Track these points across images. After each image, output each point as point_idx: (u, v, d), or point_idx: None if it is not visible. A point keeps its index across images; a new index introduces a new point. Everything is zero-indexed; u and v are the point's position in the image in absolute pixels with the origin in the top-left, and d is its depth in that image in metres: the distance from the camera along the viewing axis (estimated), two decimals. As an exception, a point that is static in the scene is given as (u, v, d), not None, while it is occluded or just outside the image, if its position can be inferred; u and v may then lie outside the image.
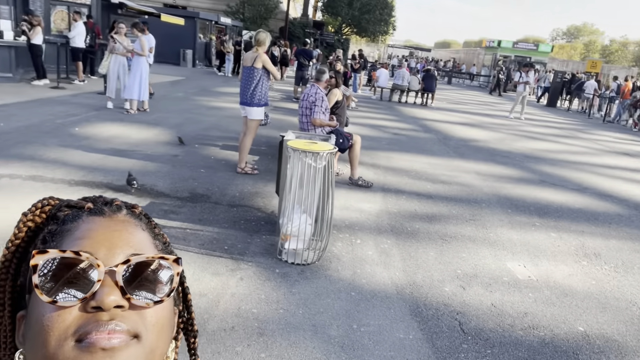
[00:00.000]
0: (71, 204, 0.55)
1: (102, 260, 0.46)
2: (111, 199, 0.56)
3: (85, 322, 0.44)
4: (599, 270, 4.08)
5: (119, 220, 0.53)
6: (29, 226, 0.54)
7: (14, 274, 0.53)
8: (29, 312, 0.48)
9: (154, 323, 0.47)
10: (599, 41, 79.66)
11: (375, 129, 10.01)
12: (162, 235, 0.58)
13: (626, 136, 13.94)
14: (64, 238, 0.50)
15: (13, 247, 0.53)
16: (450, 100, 19.86)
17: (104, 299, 0.44)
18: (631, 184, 7.45)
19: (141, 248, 0.50)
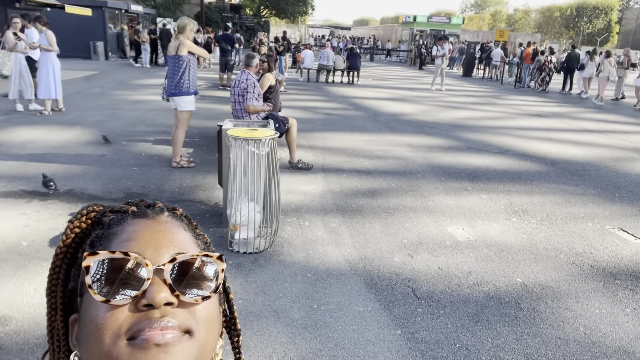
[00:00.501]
0: (115, 209, 0.56)
1: (150, 260, 0.48)
2: (153, 202, 0.58)
3: (138, 320, 0.45)
4: (528, 224, 4.45)
5: (162, 221, 0.54)
6: (75, 232, 0.55)
7: (64, 279, 0.55)
8: (82, 314, 0.50)
9: (204, 318, 0.49)
10: (504, 11, 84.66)
11: (308, 111, 10.04)
12: (203, 235, 0.60)
13: (535, 98, 15.07)
14: (111, 241, 0.51)
15: (62, 254, 0.55)
16: (374, 76, 20.32)
17: (154, 297, 0.45)
18: (546, 143, 8.11)
19: (185, 247, 0.52)
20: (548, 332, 2.80)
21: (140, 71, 16.76)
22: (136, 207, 0.56)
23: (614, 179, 6.13)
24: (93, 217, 0.56)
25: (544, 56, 17.63)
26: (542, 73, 17.66)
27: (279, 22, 62.19)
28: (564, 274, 3.54)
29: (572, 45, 18.42)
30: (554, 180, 5.94)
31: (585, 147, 7.93)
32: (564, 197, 5.30)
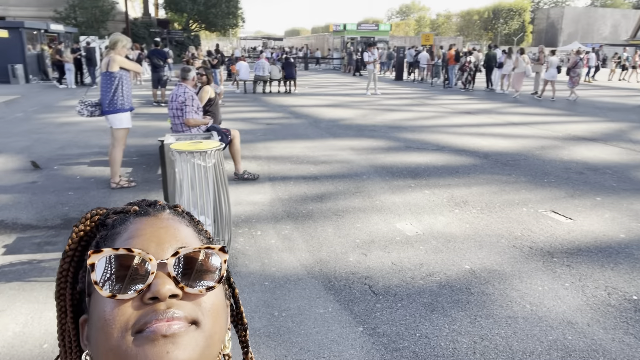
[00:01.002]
0: (118, 211, 0.57)
1: (153, 255, 0.49)
2: (154, 201, 0.59)
3: (144, 313, 0.46)
4: (469, 214, 4.68)
5: (164, 218, 0.55)
6: (80, 236, 0.56)
7: (72, 281, 0.56)
8: (90, 313, 0.50)
9: (209, 309, 0.49)
10: (427, 16, 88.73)
11: (248, 122, 9.98)
12: (205, 231, 0.60)
13: (463, 97, 15.89)
14: (115, 240, 0.52)
15: (68, 257, 0.56)
16: (311, 85, 20.55)
17: (159, 289, 0.46)
18: (478, 138, 8.58)
19: (188, 241, 0.53)
20: (498, 312, 2.97)
21: (65, 92, 15.90)
22: (138, 206, 0.57)
23: (542, 166, 6.59)
24: (97, 220, 0.57)
25: (463, 57, 18.67)
26: (464, 73, 18.70)
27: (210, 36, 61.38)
28: (507, 257, 3.76)
29: (489, 45, 19.65)
30: (489, 171, 6.30)
31: (513, 139, 8.46)
32: (499, 186, 5.64)
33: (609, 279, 3.42)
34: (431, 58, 22.79)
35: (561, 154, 7.34)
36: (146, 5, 46.06)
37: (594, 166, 6.60)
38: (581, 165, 6.66)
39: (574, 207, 4.93)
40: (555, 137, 8.78)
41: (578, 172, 6.27)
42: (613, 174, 6.22)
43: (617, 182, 5.85)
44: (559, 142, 8.32)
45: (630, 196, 5.29)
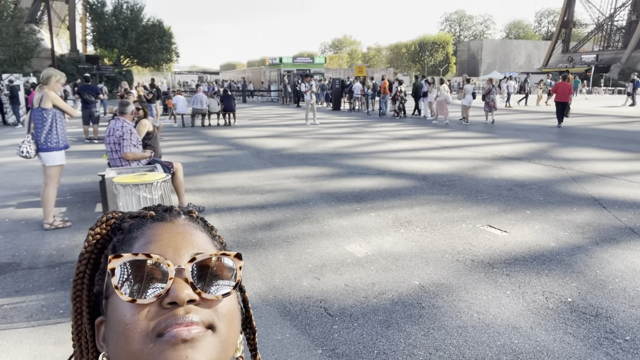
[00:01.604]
0: (134, 215, 0.58)
1: (171, 260, 0.50)
2: (170, 206, 0.60)
3: (164, 318, 0.47)
4: (414, 233, 4.86)
5: (180, 224, 0.56)
6: (97, 239, 0.57)
7: (89, 283, 0.56)
8: (108, 315, 0.51)
9: (225, 314, 0.51)
10: (359, 50, 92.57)
11: (189, 155, 9.82)
12: (219, 237, 0.62)
13: (398, 124, 16.61)
14: (133, 244, 0.53)
15: (85, 260, 0.56)
16: (250, 117, 20.62)
17: (178, 294, 0.47)
18: (415, 161, 8.97)
19: (203, 247, 0.54)
20: (449, 323, 3.09)
21: (-14, 132, 14.87)
22: (154, 211, 0.58)
23: (475, 185, 7.00)
24: (113, 224, 0.58)
25: (395, 87, 19.72)
26: (396, 102, 19.74)
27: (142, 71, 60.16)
28: (452, 270, 3.93)
29: (415, 76, 21.00)
30: (428, 192, 6.59)
31: (447, 162, 8.94)
32: (438, 205, 5.91)
33: (545, 284, 3.67)
34: (363, 88, 23.88)
35: (491, 173, 7.83)
36: (74, 41, 44.61)
37: (521, 183, 7.10)
38: (510, 182, 7.15)
39: (507, 220, 5.26)
40: (485, 157, 9.37)
41: (508, 189, 6.71)
42: (539, 189, 6.72)
43: (543, 196, 6.33)
44: (488, 162, 8.89)
45: (556, 208, 5.73)
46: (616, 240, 4.61)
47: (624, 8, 57.26)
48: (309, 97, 16.63)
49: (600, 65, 52.59)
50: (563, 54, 60.35)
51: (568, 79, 21.19)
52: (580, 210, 5.63)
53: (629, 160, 8.93)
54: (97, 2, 42.05)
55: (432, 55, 74.20)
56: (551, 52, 62.45)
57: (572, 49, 61.46)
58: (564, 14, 60.61)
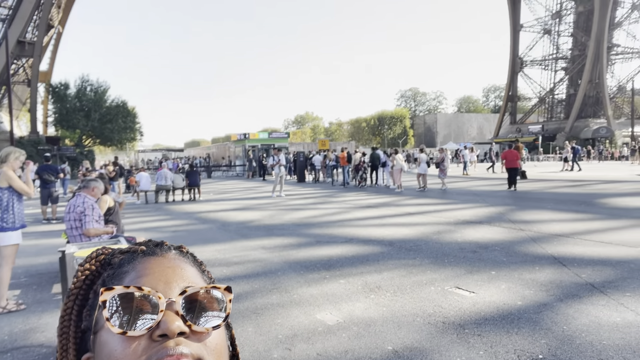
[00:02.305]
0: (124, 251, 0.58)
1: (162, 293, 0.51)
2: (161, 241, 0.60)
3: (155, 351, 0.47)
4: (384, 298, 4.84)
5: (170, 258, 0.57)
6: (86, 275, 0.57)
7: (76, 319, 0.56)
8: (97, 351, 0.51)
9: (214, 348, 0.51)
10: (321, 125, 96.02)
11: (153, 231, 9.60)
12: (207, 272, 0.63)
13: (362, 194, 16.95)
14: (123, 279, 0.53)
15: (73, 295, 0.56)
16: (216, 191, 20.58)
17: (169, 327, 0.48)
18: (381, 228, 9.10)
19: (193, 281, 0.55)
20: (425, 387, 3.02)
21: None
22: (145, 246, 0.59)
23: (440, 248, 7.13)
24: (102, 260, 0.58)
25: (357, 158, 20.46)
26: (358, 172, 20.41)
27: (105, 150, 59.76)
28: (424, 333, 3.90)
29: (372, 147, 22.04)
30: (395, 257, 6.65)
31: (412, 227, 9.11)
32: (406, 269, 5.95)
33: (516, 342, 3.68)
34: (324, 160, 24.75)
35: (455, 237, 8.02)
36: (34, 123, 44.33)
37: (484, 245, 7.29)
38: (474, 244, 7.32)
39: (474, 281, 5.34)
40: (448, 222, 9.62)
41: (472, 251, 6.86)
42: (501, 250, 6.91)
43: (506, 256, 6.49)
44: (452, 226, 9.11)
45: (519, 268, 5.88)
46: (579, 296, 4.73)
47: (562, 83, 62.67)
48: (278, 170, 16.83)
49: (547, 134, 56.34)
50: (511, 125, 64.48)
51: (518, 147, 22.67)
52: (542, 269, 5.79)
53: (582, 220, 9.37)
54: (60, 85, 42.47)
55: (390, 129, 77.69)
56: (500, 124, 66.63)
57: (519, 120, 65.87)
58: (508, 89, 65.58)
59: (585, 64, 55.81)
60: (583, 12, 57.46)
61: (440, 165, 17.53)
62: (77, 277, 0.57)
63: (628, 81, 59.13)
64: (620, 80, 60.67)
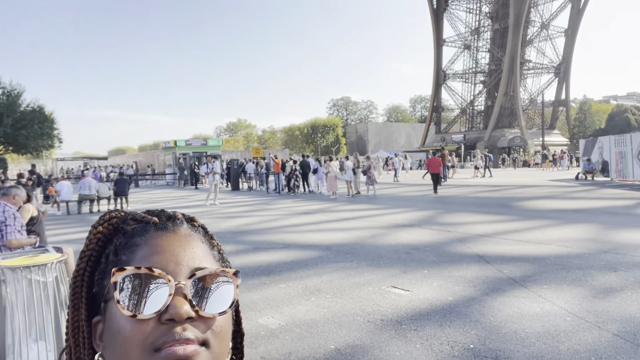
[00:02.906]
0: (137, 218, 0.58)
1: (172, 275, 0.52)
2: (173, 214, 0.60)
3: (162, 334, 0.49)
4: (325, 300, 4.94)
5: (181, 234, 0.58)
6: (98, 237, 0.57)
7: (89, 281, 0.56)
8: (107, 320, 0.52)
9: (219, 332, 0.53)
10: (254, 133, 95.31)
11: (76, 243, 9.02)
12: (217, 245, 0.64)
13: (296, 200, 17.06)
14: (135, 252, 0.54)
15: (86, 257, 0.57)
16: (145, 200, 19.74)
17: (177, 312, 0.50)
18: (318, 233, 9.23)
19: (203, 261, 0.56)
20: (368, 382, 3.13)
21: None
22: (157, 217, 0.59)
23: (376, 251, 7.37)
24: (115, 224, 0.58)
25: (289, 165, 20.67)
26: (291, 180, 20.61)
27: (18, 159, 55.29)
28: (365, 331, 4.04)
29: (302, 155, 22.42)
30: (334, 260, 6.78)
31: (348, 232, 9.33)
32: (345, 272, 6.10)
33: (449, 334, 3.92)
34: (256, 168, 24.83)
35: (389, 240, 8.33)
36: None
37: (416, 246, 7.64)
38: (406, 246, 7.65)
39: (409, 280, 5.59)
40: (381, 226, 9.96)
41: (405, 252, 7.17)
42: (432, 250, 7.28)
43: (437, 256, 6.85)
44: (385, 230, 9.45)
45: (448, 266, 6.23)
46: (502, 290, 5.11)
47: (480, 95, 67.15)
48: (212, 178, 16.36)
49: (468, 143, 60.00)
50: (437, 134, 67.98)
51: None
52: (469, 266, 6.18)
53: (502, 222, 10.10)
54: (-34, 87, 38.78)
55: (323, 137, 78.85)
56: (426, 133, 70.03)
57: (444, 129, 69.65)
58: (433, 100, 69.19)
59: (501, 77, 60.28)
60: (499, 29, 62.09)
61: (367, 173, 18.24)
62: (90, 240, 0.58)
63: (539, 94, 64.61)
64: (532, 93, 66.17)
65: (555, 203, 13.49)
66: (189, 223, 0.62)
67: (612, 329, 3.85)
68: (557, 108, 66.65)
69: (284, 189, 21.20)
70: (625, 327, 3.89)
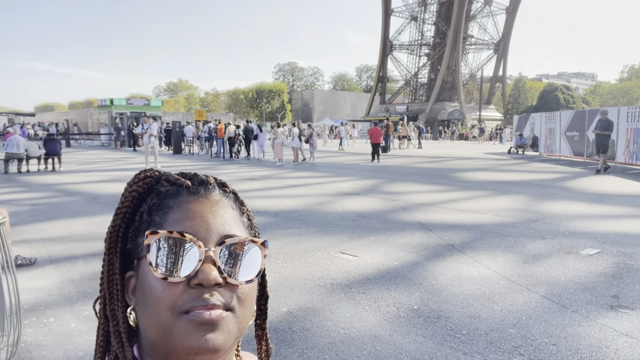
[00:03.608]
0: (170, 180, 0.59)
1: (202, 241, 0.54)
2: (206, 178, 0.61)
3: (190, 298, 0.52)
4: (275, 265, 5.00)
5: (213, 200, 0.58)
6: (133, 195, 0.58)
7: (123, 237, 0.58)
8: (140, 278, 0.55)
9: (244, 298, 0.55)
10: (196, 94, 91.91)
11: (6, 204, 8.41)
12: (248, 211, 0.64)
13: (243, 166, 16.87)
14: (168, 214, 0.55)
15: (121, 214, 0.58)
16: (79, 161, 18.69)
17: (206, 277, 0.52)
18: (266, 199, 9.23)
19: (233, 228, 0.57)
20: (320, 341, 3.26)
21: None
22: (190, 181, 0.59)
23: (324, 218, 7.51)
24: (149, 183, 0.60)
25: (231, 130, 20.33)
26: (234, 145, 20.37)
27: None
28: (315, 295, 4.16)
29: (246, 120, 22.16)
30: (282, 227, 6.85)
31: (296, 199, 9.40)
32: (294, 238, 6.18)
33: (395, 297, 4.13)
34: (196, 131, 24.31)
35: (336, 207, 8.50)
36: None
37: (362, 214, 7.86)
38: (353, 214, 7.85)
39: (356, 247, 5.77)
40: (328, 194, 10.12)
41: (352, 220, 7.36)
42: (377, 218, 7.53)
43: (382, 224, 7.10)
44: (332, 197, 9.62)
45: (393, 233, 6.48)
46: (442, 255, 5.42)
47: (424, 68, 68.54)
48: (148, 140, 15.73)
49: (410, 115, 61.48)
50: (381, 105, 68.96)
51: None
52: (412, 233, 6.47)
53: (442, 192, 10.59)
54: None
55: (269, 102, 77.64)
56: (371, 103, 70.84)
57: (388, 100, 70.73)
58: (379, 70, 69.75)
59: (445, 51, 61.69)
60: (445, 2, 63.04)
61: (309, 140, 18.45)
62: (126, 197, 0.59)
63: (478, 70, 67.01)
64: (472, 68, 68.46)
65: (490, 175, 14.28)
66: (221, 189, 0.62)
67: (541, 291, 4.23)
68: (495, 84, 69.52)
69: (228, 154, 20.86)
70: (551, 289, 4.28)
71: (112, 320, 0.59)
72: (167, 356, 0.54)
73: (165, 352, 0.53)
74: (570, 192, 10.39)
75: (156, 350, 0.55)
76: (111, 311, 0.59)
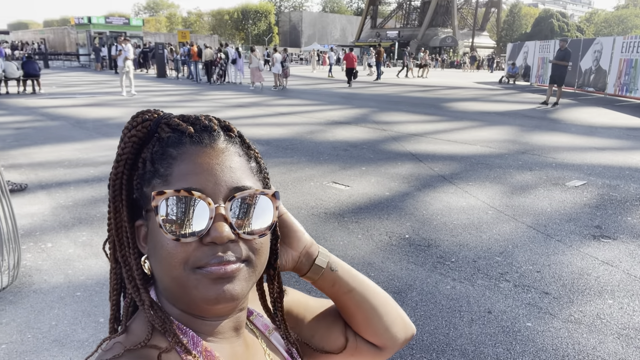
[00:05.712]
0: (171, 124, 0.55)
1: (211, 196, 0.51)
2: (209, 123, 0.56)
3: (204, 255, 0.50)
4: (268, 193, 5.04)
5: (219, 149, 0.54)
6: (133, 141, 0.55)
7: (127, 185, 0.55)
8: (151, 230, 0.53)
9: (259, 248, 0.55)
10: (178, 14, 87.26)
11: (-13, 128, 8.23)
12: (256, 154, 0.60)
13: (227, 92, 16.47)
14: (172, 166, 0.52)
15: (122, 161, 0.55)
16: (59, 84, 18.03)
17: (218, 235, 0.50)
18: (255, 127, 9.12)
19: (242, 177, 0.54)
20: (316, 268, 3.37)
21: None
22: (192, 127, 0.55)
23: (315, 147, 7.49)
24: (148, 126, 0.56)
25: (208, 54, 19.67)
26: (216, 68, 19.82)
27: None
28: (310, 223, 4.24)
29: (225, 43, 21.32)
30: (274, 156, 6.83)
31: (286, 127, 9.30)
32: (286, 167, 6.19)
33: (387, 226, 4.24)
34: (171, 54, 23.55)
35: (327, 136, 8.45)
36: None
37: (353, 143, 7.84)
38: (344, 143, 7.83)
39: (348, 176, 5.82)
40: (319, 122, 10.02)
41: (343, 149, 7.36)
42: (369, 148, 7.53)
43: (373, 154, 7.12)
44: (323, 126, 9.53)
45: (385, 163, 6.53)
46: (433, 186, 5.51)
47: (418, -10, 65.48)
48: (122, 64, 14.59)
49: (402, 40, 59.62)
50: (372, 30, 66.53)
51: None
52: (403, 164, 6.52)
53: (432, 122, 10.55)
54: None
55: (255, 24, 74.24)
56: (362, 28, 68.26)
57: (379, 25, 68.17)
58: (371, -9, 66.49)
59: (441, -28, 58.65)
60: None
61: (283, 64, 18.04)
62: (125, 143, 0.55)
63: (474, -6, 64.26)
64: (468, -8, 65.60)
65: (480, 105, 14.21)
66: (226, 134, 0.58)
67: (527, 221, 4.37)
68: (490, 9, 67.14)
69: (203, 77, 20.42)
70: (537, 219, 4.42)
71: (125, 266, 0.57)
72: (187, 305, 0.54)
73: (185, 301, 0.53)
74: (559, 123, 10.45)
75: (175, 298, 0.54)
76: (122, 257, 0.57)
